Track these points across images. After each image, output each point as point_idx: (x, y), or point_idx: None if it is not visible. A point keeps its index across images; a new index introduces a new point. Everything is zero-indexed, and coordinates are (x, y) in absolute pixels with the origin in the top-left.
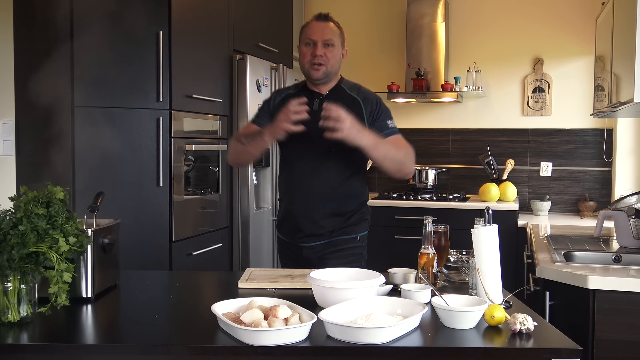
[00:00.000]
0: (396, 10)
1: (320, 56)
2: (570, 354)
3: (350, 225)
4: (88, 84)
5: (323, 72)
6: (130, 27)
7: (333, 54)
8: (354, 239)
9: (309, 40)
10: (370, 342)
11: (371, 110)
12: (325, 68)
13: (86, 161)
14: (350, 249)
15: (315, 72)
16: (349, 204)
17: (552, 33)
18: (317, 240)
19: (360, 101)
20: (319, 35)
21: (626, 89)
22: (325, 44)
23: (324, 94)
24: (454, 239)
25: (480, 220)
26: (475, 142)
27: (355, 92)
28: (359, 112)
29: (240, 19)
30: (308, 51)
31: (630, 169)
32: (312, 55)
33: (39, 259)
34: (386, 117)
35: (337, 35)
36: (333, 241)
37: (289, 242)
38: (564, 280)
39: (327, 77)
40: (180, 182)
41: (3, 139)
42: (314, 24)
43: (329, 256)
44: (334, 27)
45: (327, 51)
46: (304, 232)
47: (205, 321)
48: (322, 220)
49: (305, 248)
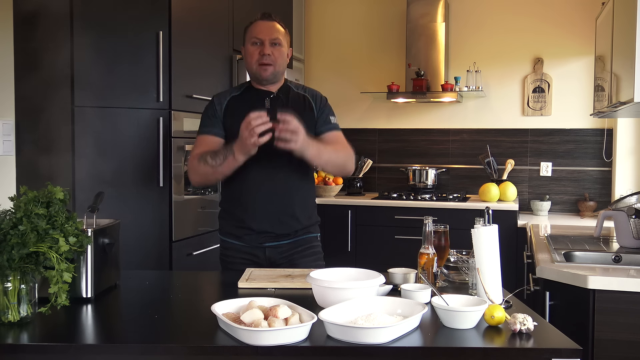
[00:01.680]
0: (396, 10)
1: (269, 55)
2: (570, 354)
3: (312, 224)
4: (88, 84)
5: (271, 72)
6: (130, 27)
7: (280, 53)
8: (315, 237)
9: (256, 39)
10: (370, 342)
11: (319, 105)
12: (274, 68)
13: (86, 161)
14: (314, 247)
15: (264, 72)
16: (309, 199)
17: (552, 33)
18: (282, 239)
19: (309, 97)
20: (266, 34)
21: (626, 89)
22: (272, 42)
23: (274, 92)
24: (454, 239)
25: (480, 220)
26: (475, 142)
27: (302, 90)
28: (309, 106)
29: (240, 19)
30: (255, 50)
31: (630, 169)
32: (260, 55)
33: (39, 259)
34: (330, 113)
35: (283, 34)
36: (298, 240)
37: (245, 246)
38: (564, 280)
39: (276, 77)
40: (180, 182)
41: (3, 139)
42: (260, 23)
43: (295, 256)
44: (279, 26)
45: (275, 50)
46: (269, 232)
47: (205, 321)
48: (289, 218)
49: (268, 248)
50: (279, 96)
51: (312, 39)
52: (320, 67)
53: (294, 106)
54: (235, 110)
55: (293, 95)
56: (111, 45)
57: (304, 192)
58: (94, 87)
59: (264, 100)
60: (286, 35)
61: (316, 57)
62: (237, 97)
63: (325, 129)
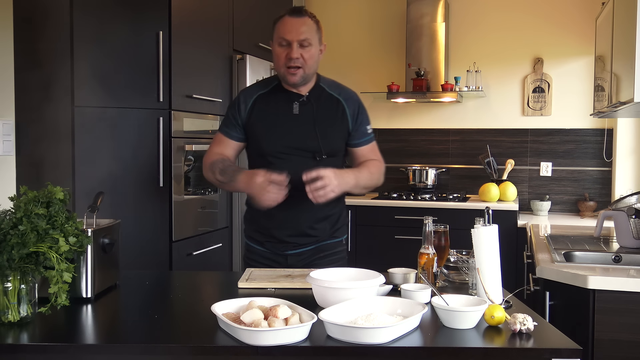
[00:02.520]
0: (396, 10)
1: (297, 59)
2: (570, 354)
3: (337, 228)
4: (88, 84)
5: (300, 76)
6: (130, 27)
7: (310, 55)
8: (340, 242)
9: (283, 40)
10: (370, 342)
11: (354, 112)
12: (303, 71)
13: (86, 161)
14: (338, 252)
15: (292, 77)
16: (337, 207)
17: (552, 33)
18: (304, 246)
19: (343, 101)
20: (294, 34)
21: (626, 89)
22: (301, 44)
23: (304, 95)
24: (454, 239)
25: (480, 220)
26: (475, 142)
27: (337, 92)
28: (342, 113)
29: (240, 19)
30: (283, 52)
31: (630, 169)
32: (288, 58)
33: (39, 259)
34: (366, 122)
35: (314, 31)
36: (321, 246)
37: (268, 252)
38: (564, 280)
39: (305, 80)
40: (180, 182)
41: (3, 139)
42: (288, 20)
43: (317, 262)
44: (311, 22)
45: (304, 52)
46: (291, 241)
47: (205, 321)
48: (314, 226)
49: (290, 256)
50: (309, 101)
51: None
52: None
53: (326, 112)
54: (261, 111)
55: (325, 99)
56: (111, 45)
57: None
58: (94, 87)
59: (293, 104)
60: (318, 31)
61: None
62: (265, 95)
63: (361, 142)
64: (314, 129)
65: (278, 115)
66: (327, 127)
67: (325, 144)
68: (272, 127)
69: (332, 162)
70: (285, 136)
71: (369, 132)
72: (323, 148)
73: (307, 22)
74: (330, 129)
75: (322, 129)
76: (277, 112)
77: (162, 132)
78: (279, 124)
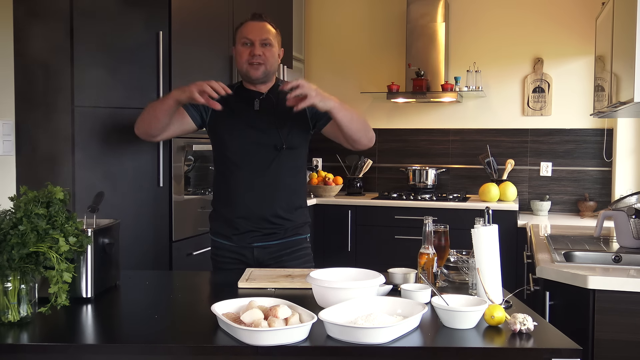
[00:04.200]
0: (396, 10)
1: (259, 55)
2: (570, 354)
3: (300, 225)
4: (88, 83)
5: (262, 71)
6: (130, 27)
7: (272, 53)
8: (304, 239)
9: (246, 39)
10: (370, 342)
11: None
12: (265, 67)
13: (86, 161)
14: (304, 249)
15: (255, 71)
16: (299, 199)
17: (552, 33)
18: (269, 239)
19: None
20: (256, 34)
21: (626, 89)
22: (263, 43)
23: (264, 93)
24: (454, 239)
25: (480, 220)
26: (475, 142)
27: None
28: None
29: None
30: (246, 51)
31: (630, 169)
32: (251, 55)
33: (39, 259)
34: None
35: (274, 35)
36: (288, 242)
37: (234, 245)
38: (564, 280)
39: (267, 77)
40: (180, 182)
41: (3, 139)
42: (251, 24)
43: (284, 258)
44: (270, 27)
45: (266, 50)
46: (258, 231)
47: (205, 321)
48: (277, 218)
49: (257, 248)
50: (269, 96)
51: (312, 38)
52: (320, 67)
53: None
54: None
55: (284, 96)
56: (111, 45)
57: (292, 192)
58: (94, 87)
59: (254, 101)
60: (277, 35)
61: (316, 57)
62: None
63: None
64: (274, 122)
65: (240, 112)
66: (287, 120)
67: (286, 135)
68: (234, 123)
69: (293, 156)
70: (247, 130)
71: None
72: (284, 140)
73: (267, 26)
74: (290, 122)
75: (282, 122)
76: (239, 110)
77: None
78: (242, 120)
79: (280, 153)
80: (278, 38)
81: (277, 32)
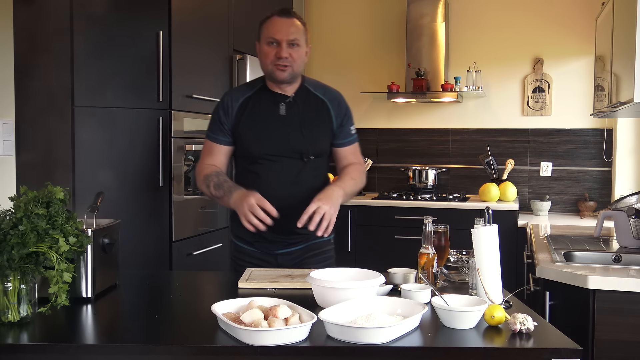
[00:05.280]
0: (396, 10)
1: (286, 58)
2: (570, 354)
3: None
4: (88, 83)
5: (289, 74)
6: (130, 27)
7: (299, 54)
8: (328, 241)
9: (272, 39)
10: (370, 342)
11: (338, 113)
12: (292, 69)
13: (86, 161)
14: (327, 251)
15: (281, 73)
16: None
17: (552, 33)
18: (293, 245)
19: (328, 103)
20: (283, 34)
21: (626, 89)
22: (290, 43)
23: (290, 96)
24: (454, 239)
25: (480, 220)
26: (475, 142)
27: (322, 93)
28: (327, 113)
29: (240, 19)
30: (271, 51)
31: (630, 169)
32: (277, 57)
33: (39, 259)
34: (350, 123)
35: (302, 33)
36: (310, 245)
37: (257, 252)
38: (564, 280)
39: (293, 78)
40: (180, 182)
41: (3, 139)
42: (277, 21)
43: (307, 261)
44: (299, 24)
45: (293, 51)
46: (281, 240)
47: (205, 321)
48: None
49: (280, 255)
50: (295, 102)
51: (311, 38)
52: (320, 67)
53: (311, 113)
54: (248, 114)
55: (310, 100)
56: (111, 45)
57: None
58: (94, 87)
59: (279, 105)
60: (305, 32)
61: (316, 57)
62: (250, 98)
63: (345, 142)
64: (300, 130)
65: (265, 117)
66: (314, 127)
67: (312, 144)
68: (259, 130)
69: (318, 163)
70: (273, 138)
71: (352, 133)
72: (310, 149)
73: (295, 23)
74: (316, 129)
75: (308, 130)
76: (264, 115)
77: (162, 132)
78: (266, 126)
79: (306, 163)
80: (306, 35)
81: (305, 29)
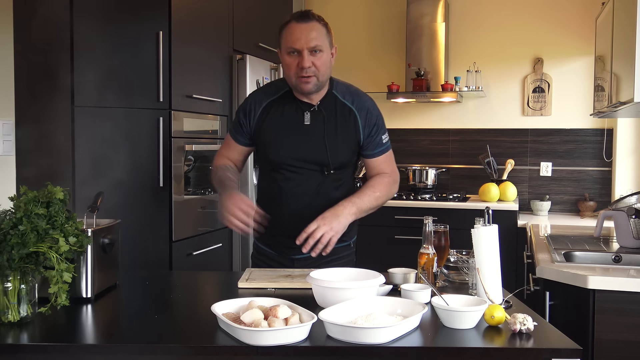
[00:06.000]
0: (396, 10)
1: (309, 67)
2: (570, 354)
3: (346, 232)
4: (88, 83)
5: (314, 84)
6: (130, 27)
7: (323, 61)
8: (348, 245)
9: (292, 49)
10: (370, 342)
11: (367, 123)
12: (316, 79)
13: (86, 161)
14: (346, 256)
15: (306, 85)
16: None
17: (552, 33)
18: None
19: (356, 111)
20: (303, 42)
21: (626, 89)
22: (311, 51)
23: (315, 105)
24: (454, 239)
25: (480, 220)
26: (475, 142)
27: (350, 101)
28: (354, 123)
29: (240, 19)
30: (293, 62)
31: (630, 169)
32: (299, 68)
33: (39, 259)
34: (381, 132)
35: (324, 36)
36: None
37: (276, 254)
38: (564, 280)
39: (319, 87)
40: (180, 182)
41: (3, 139)
42: (296, 27)
43: (323, 266)
44: (319, 26)
45: (316, 59)
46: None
47: (205, 321)
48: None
49: (297, 260)
50: (321, 110)
51: None
52: None
53: (337, 124)
54: (271, 120)
55: (337, 109)
56: (111, 45)
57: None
58: (93, 87)
59: (304, 114)
60: (328, 34)
61: None
62: (275, 102)
63: (375, 153)
64: (323, 141)
65: (288, 125)
66: (338, 139)
67: (334, 157)
68: (281, 138)
69: (340, 175)
70: (294, 148)
71: (383, 142)
72: (331, 162)
73: (315, 27)
74: (340, 141)
75: (331, 142)
76: (288, 122)
77: (162, 132)
78: (289, 134)
79: (327, 177)
80: (329, 36)
81: (327, 31)
